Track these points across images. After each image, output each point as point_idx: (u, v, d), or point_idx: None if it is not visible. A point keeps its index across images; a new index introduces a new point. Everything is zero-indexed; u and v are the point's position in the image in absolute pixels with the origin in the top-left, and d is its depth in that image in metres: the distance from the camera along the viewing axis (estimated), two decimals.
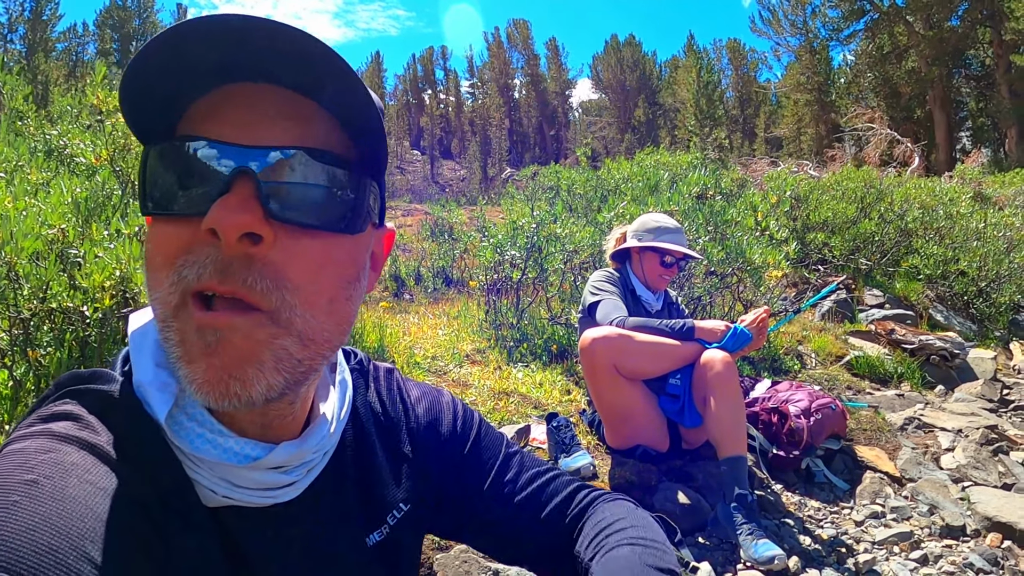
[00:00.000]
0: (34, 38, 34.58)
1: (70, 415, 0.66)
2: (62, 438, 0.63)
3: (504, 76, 61.77)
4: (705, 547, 2.80)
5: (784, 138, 43.78)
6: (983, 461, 3.65)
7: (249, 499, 0.71)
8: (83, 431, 0.65)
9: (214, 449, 0.68)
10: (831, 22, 37.72)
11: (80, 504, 0.57)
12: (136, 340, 0.73)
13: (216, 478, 0.69)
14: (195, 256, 0.61)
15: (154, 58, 0.61)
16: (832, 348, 5.68)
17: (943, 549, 2.90)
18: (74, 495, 0.58)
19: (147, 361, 0.70)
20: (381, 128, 0.69)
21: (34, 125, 3.70)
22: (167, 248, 0.63)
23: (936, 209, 8.94)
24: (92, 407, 0.68)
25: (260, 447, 0.71)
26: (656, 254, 3.46)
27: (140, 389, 0.69)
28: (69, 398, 0.69)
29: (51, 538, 0.53)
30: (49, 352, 2.58)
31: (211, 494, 0.70)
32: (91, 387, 0.70)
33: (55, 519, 0.55)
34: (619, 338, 3.02)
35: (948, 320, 7.42)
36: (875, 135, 23.53)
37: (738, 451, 2.87)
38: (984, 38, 32.20)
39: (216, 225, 0.59)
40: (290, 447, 0.73)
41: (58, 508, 0.56)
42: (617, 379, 3.04)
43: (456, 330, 5.48)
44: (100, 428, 0.66)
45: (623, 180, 9.38)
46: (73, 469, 0.60)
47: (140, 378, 0.69)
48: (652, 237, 3.44)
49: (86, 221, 2.74)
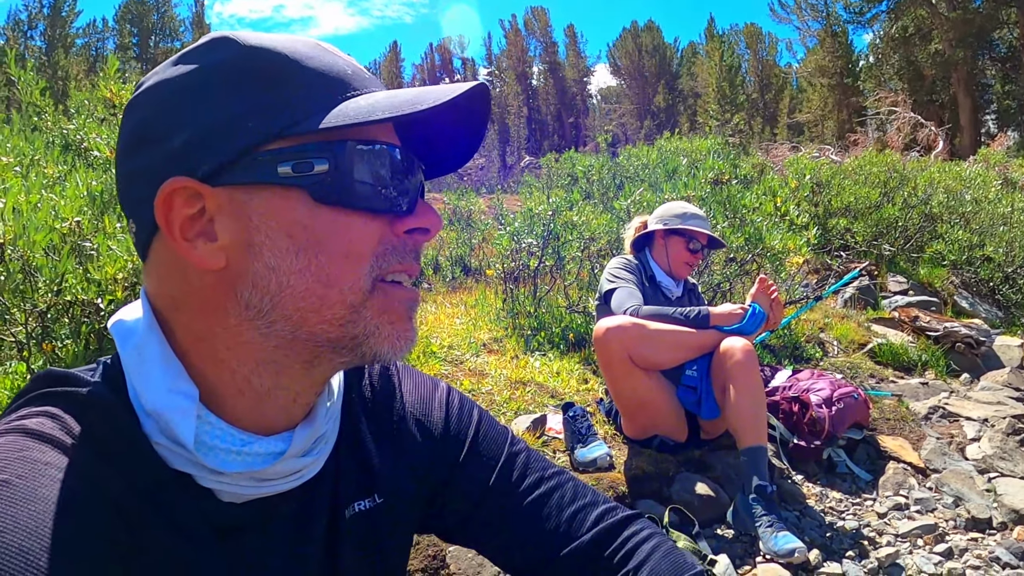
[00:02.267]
0: (54, 34, 35.01)
1: (45, 413, 0.65)
2: (36, 436, 0.62)
3: (522, 64, 61.56)
4: (724, 539, 2.77)
5: (806, 123, 43.35)
6: (1010, 451, 3.58)
7: (278, 488, 0.74)
8: (58, 431, 0.63)
9: (242, 460, 0.70)
10: (853, 5, 37.18)
11: (52, 505, 0.56)
12: (133, 358, 0.70)
13: (243, 480, 0.70)
14: (389, 248, 0.70)
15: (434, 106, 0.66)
16: (855, 336, 5.60)
17: (968, 543, 2.85)
18: (47, 496, 0.57)
19: (156, 385, 0.67)
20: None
21: (51, 120, 3.71)
22: (370, 240, 0.69)
23: (962, 193, 8.79)
24: (69, 408, 0.66)
25: (281, 439, 0.73)
26: (683, 238, 3.41)
27: (156, 416, 0.67)
28: (46, 398, 0.68)
29: (23, 539, 0.53)
30: (66, 345, 2.60)
31: (238, 496, 0.71)
32: (68, 389, 0.68)
33: (26, 520, 0.54)
34: (633, 327, 2.98)
35: (973, 307, 7.31)
36: (898, 119, 23.20)
37: (758, 441, 2.83)
38: (1009, 19, 31.56)
39: (432, 226, 0.73)
40: (305, 429, 0.75)
41: (30, 509, 0.55)
42: (633, 369, 3.01)
43: (473, 319, 5.47)
44: (76, 428, 0.65)
45: (642, 167, 9.31)
46: (47, 468, 0.59)
47: (153, 406, 0.66)
48: (679, 222, 3.40)
49: (100, 214, 2.75)
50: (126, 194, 0.71)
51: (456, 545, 2.27)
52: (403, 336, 0.72)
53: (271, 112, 0.65)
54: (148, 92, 0.69)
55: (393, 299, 0.71)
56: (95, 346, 2.68)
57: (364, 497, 0.86)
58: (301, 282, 0.66)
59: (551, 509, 0.95)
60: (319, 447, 0.78)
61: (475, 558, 2.28)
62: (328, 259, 0.66)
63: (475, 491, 0.95)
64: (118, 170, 0.71)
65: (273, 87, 0.66)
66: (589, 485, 1.02)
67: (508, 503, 0.95)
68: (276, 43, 0.68)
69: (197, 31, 44.84)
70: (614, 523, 0.97)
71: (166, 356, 0.68)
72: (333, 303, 0.67)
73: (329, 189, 0.66)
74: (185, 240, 0.66)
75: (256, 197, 0.65)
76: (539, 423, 3.29)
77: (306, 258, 0.66)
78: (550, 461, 1.02)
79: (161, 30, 43.64)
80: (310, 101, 0.65)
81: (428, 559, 2.25)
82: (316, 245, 0.66)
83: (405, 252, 0.72)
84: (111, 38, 42.59)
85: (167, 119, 0.66)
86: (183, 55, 0.70)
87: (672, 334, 3.02)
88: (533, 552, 0.95)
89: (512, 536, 0.95)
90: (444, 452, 0.95)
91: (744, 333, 3.02)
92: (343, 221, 0.67)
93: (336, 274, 0.67)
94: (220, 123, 0.65)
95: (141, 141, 0.67)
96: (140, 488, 0.65)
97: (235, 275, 0.67)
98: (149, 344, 0.69)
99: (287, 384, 0.72)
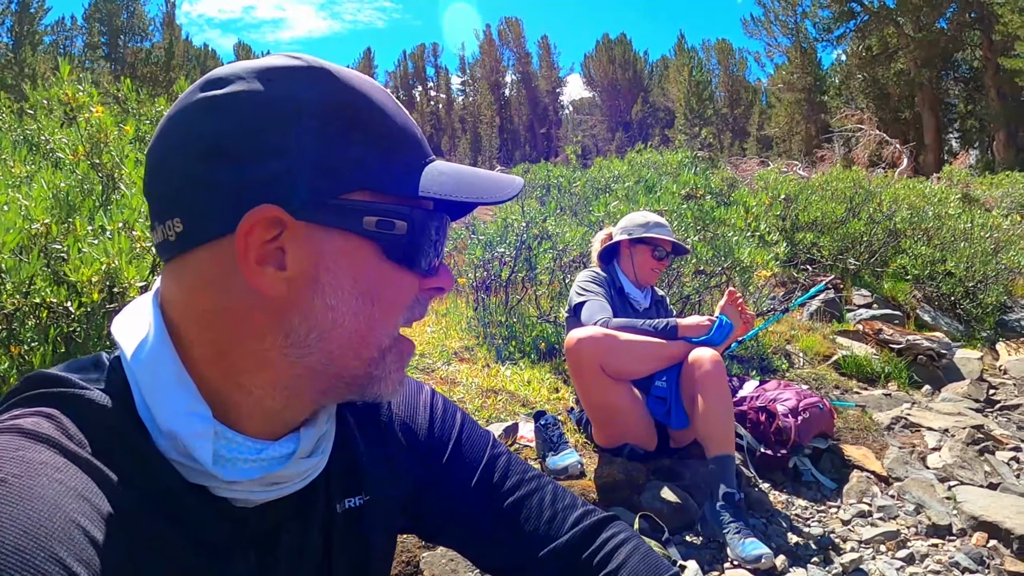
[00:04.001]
0: (21, 31, 34.29)
1: (40, 413, 0.65)
2: (32, 436, 0.61)
3: (495, 74, 61.76)
4: (693, 545, 2.80)
5: (774, 138, 44.00)
6: (969, 460, 3.66)
7: (288, 490, 0.75)
8: (54, 430, 0.63)
9: (259, 467, 0.71)
10: (822, 23, 37.87)
11: (49, 504, 0.56)
12: (147, 373, 0.68)
13: (255, 485, 0.71)
14: (414, 302, 0.76)
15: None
16: (820, 347, 5.69)
17: (929, 548, 2.91)
18: (43, 495, 0.56)
19: (173, 406, 0.67)
20: None
21: (10, 120, 3.65)
22: (406, 294, 0.75)
23: (925, 210, 8.98)
24: (66, 409, 0.66)
25: (290, 440, 0.75)
26: (648, 247, 3.46)
27: (172, 437, 0.66)
28: (42, 398, 0.67)
29: (17, 538, 0.52)
30: (33, 347, 2.55)
31: (250, 500, 0.73)
32: (64, 390, 0.68)
33: (22, 519, 0.53)
34: (604, 338, 3.02)
35: (935, 320, 7.46)
36: (864, 136, 23.65)
37: (726, 450, 2.87)
38: (973, 41, 32.40)
39: (447, 287, 0.79)
40: (309, 430, 0.77)
41: (26, 508, 0.54)
42: (603, 379, 3.03)
43: (444, 327, 5.46)
44: (72, 428, 0.64)
45: (613, 179, 9.38)
46: (43, 468, 0.58)
47: (171, 427, 0.66)
48: (643, 231, 3.45)
49: (68, 216, 2.71)
50: (185, 197, 0.67)
51: (437, 546, 2.28)
52: (401, 381, 0.79)
53: (374, 165, 0.69)
54: (231, 99, 0.67)
55: (405, 350, 0.78)
56: (63, 349, 2.64)
57: (354, 494, 0.87)
58: (353, 323, 0.70)
59: (530, 511, 0.97)
60: (323, 446, 0.80)
61: (449, 563, 2.28)
62: (380, 308, 0.72)
63: (457, 493, 0.96)
64: (174, 168, 0.68)
65: (377, 140, 0.69)
66: (568, 489, 1.04)
67: (489, 505, 0.96)
68: (366, 87, 0.72)
69: (167, 31, 44.25)
70: (592, 525, 0.99)
71: (181, 377, 0.68)
72: (370, 345, 0.73)
73: (399, 248, 0.71)
74: (256, 264, 0.65)
75: (335, 238, 0.68)
76: (511, 431, 3.30)
77: (362, 303, 0.70)
78: (530, 465, 1.04)
79: (130, 29, 42.96)
80: (404, 161, 0.72)
81: (402, 565, 2.25)
82: (374, 293, 0.71)
83: (424, 306, 0.78)
84: (80, 36, 41.85)
85: (260, 140, 0.65)
86: (270, 72, 0.68)
87: (642, 345, 3.06)
88: (512, 553, 0.97)
89: (492, 537, 0.97)
90: (428, 454, 0.97)
91: (712, 344, 3.07)
92: (400, 276, 0.73)
93: (381, 321, 0.73)
94: (330, 162, 0.66)
95: (221, 153, 0.65)
96: (147, 495, 0.65)
97: (288, 304, 0.68)
98: (162, 361, 0.68)
99: (295, 407, 0.74)
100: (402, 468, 0.94)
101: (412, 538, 2.31)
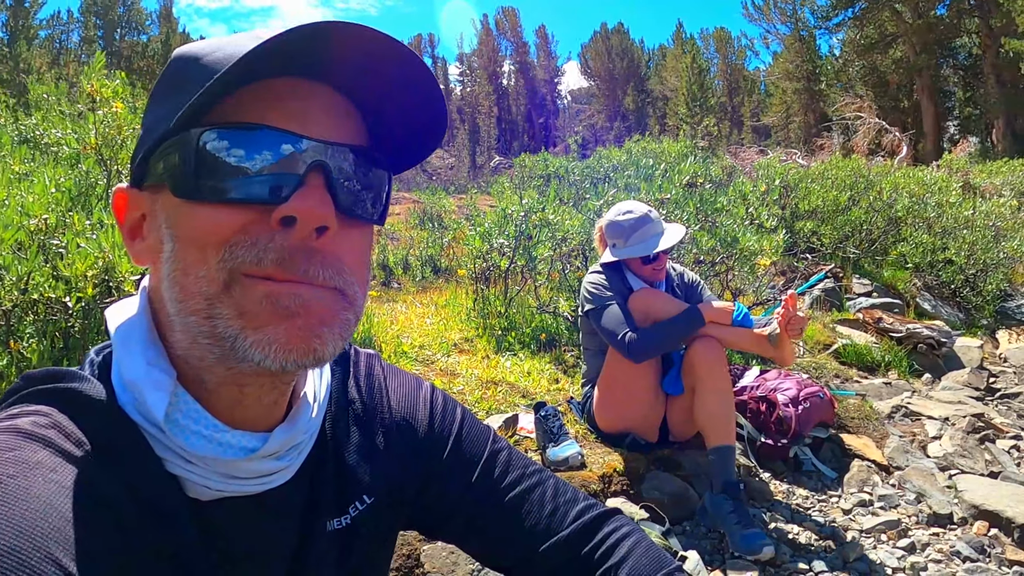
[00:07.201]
0: (16, 25, 34.12)
1: (37, 412, 0.65)
2: (27, 435, 0.61)
3: (493, 64, 61.51)
4: (693, 536, 2.81)
5: (773, 126, 43.85)
6: (970, 449, 3.67)
7: (245, 489, 0.72)
8: (50, 429, 0.63)
9: (212, 446, 0.69)
10: (820, 10, 37.70)
11: (44, 503, 0.56)
12: (121, 336, 0.71)
13: (211, 473, 0.69)
14: (252, 239, 0.63)
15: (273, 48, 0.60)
16: (820, 336, 5.69)
17: (930, 537, 2.92)
18: (38, 494, 0.56)
19: (137, 359, 0.68)
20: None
21: (5, 116, 3.63)
22: (218, 230, 0.64)
23: (925, 198, 8.96)
24: (61, 405, 0.66)
25: (257, 437, 0.72)
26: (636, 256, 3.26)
27: (132, 387, 0.67)
28: (38, 395, 0.67)
29: (13, 538, 0.52)
30: (31, 344, 2.55)
31: (204, 490, 0.70)
32: (59, 385, 0.68)
33: (17, 519, 0.54)
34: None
35: (935, 309, 7.46)
36: (863, 124, 23.57)
37: (727, 440, 2.87)
38: (971, 27, 32.27)
39: (300, 215, 0.63)
40: (283, 432, 0.74)
41: (21, 508, 0.54)
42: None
43: (444, 319, 5.47)
44: (69, 426, 0.64)
45: (612, 168, 9.36)
46: (38, 467, 0.58)
47: (131, 376, 0.67)
48: (623, 242, 3.23)
49: (68, 211, 2.70)
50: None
51: (438, 541, 2.28)
52: (275, 341, 0.64)
53: (159, 110, 0.69)
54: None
55: (249, 297, 0.63)
56: (61, 344, 2.63)
57: (341, 515, 0.85)
58: (171, 270, 0.66)
59: (532, 505, 0.97)
60: (291, 455, 0.76)
61: (449, 556, 2.29)
62: (182, 247, 0.65)
63: (458, 488, 0.96)
64: None
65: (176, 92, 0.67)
66: (569, 484, 1.03)
67: (490, 500, 0.96)
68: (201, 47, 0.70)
69: (164, 24, 44.08)
70: (594, 519, 0.99)
71: (151, 337, 0.70)
72: (192, 293, 0.64)
73: (183, 181, 0.65)
74: (130, 239, 0.73)
75: (156, 196, 0.69)
76: (511, 423, 3.30)
77: (172, 249, 0.66)
78: (531, 460, 1.03)
79: (127, 23, 42.77)
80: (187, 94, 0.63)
81: (403, 558, 2.25)
82: (176, 233, 0.66)
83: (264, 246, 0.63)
84: (76, 30, 41.68)
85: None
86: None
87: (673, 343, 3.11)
88: (514, 548, 0.96)
89: (493, 532, 0.96)
90: (429, 450, 0.96)
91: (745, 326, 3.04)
92: (193, 212, 0.65)
93: (194, 264, 0.64)
94: (144, 129, 0.71)
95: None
96: (134, 488, 0.65)
97: (155, 272, 0.70)
98: (135, 326, 0.71)
99: (230, 386, 0.70)
100: (404, 465, 0.93)
101: (413, 532, 2.31)
